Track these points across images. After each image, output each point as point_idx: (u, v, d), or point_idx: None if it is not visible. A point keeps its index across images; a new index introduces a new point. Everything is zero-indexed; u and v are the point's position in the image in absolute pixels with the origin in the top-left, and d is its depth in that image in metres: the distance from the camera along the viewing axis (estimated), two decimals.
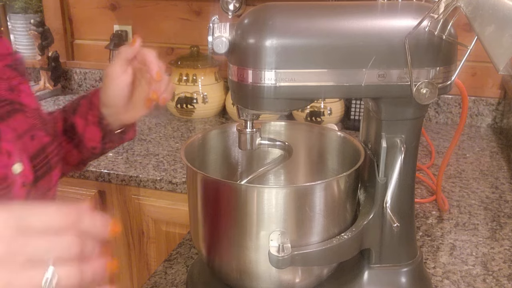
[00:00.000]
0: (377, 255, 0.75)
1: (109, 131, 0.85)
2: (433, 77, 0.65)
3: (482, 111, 1.72)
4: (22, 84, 0.77)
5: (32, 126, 0.74)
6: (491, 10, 0.58)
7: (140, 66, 0.81)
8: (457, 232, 1.04)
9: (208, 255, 0.75)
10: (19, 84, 0.76)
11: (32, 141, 0.72)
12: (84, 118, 0.85)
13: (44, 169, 0.74)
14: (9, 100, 0.72)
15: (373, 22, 0.65)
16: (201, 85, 1.72)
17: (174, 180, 1.30)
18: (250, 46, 0.64)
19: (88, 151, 0.88)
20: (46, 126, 0.77)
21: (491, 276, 0.90)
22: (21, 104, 0.74)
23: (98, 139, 0.86)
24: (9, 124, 0.69)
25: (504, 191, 1.22)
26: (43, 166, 0.74)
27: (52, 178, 0.76)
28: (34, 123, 0.74)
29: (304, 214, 0.68)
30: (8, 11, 2.09)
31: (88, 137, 0.86)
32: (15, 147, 0.68)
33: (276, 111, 0.70)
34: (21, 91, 0.76)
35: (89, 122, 0.85)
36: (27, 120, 0.73)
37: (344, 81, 0.65)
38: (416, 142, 0.73)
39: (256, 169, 0.85)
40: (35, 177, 0.71)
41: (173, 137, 1.59)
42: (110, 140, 0.87)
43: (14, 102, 0.73)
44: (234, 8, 1.64)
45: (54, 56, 1.96)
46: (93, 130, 0.85)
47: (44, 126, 0.77)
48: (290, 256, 0.65)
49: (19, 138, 0.70)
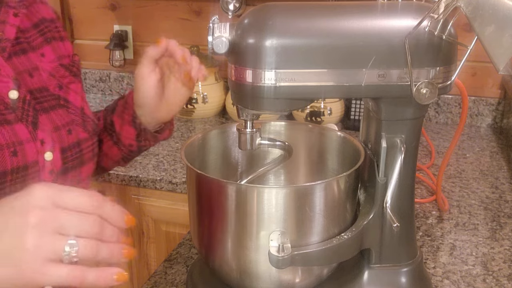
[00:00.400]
0: (377, 255, 0.75)
1: (143, 129, 0.88)
2: (433, 77, 0.65)
3: (482, 111, 1.72)
4: (73, 84, 0.83)
5: (71, 121, 0.79)
6: (491, 10, 0.58)
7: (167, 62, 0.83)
8: (457, 232, 1.04)
9: (208, 255, 0.75)
10: (69, 83, 0.82)
11: (68, 135, 0.78)
12: (120, 117, 0.89)
13: (75, 162, 0.79)
14: (56, 95, 0.79)
15: (373, 22, 0.65)
16: (201, 85, 1.72)
17: (174, 180, 1.30)
18: (250, 46, 0.64)
19: (126, 148, 0.91)
20: (85, 123, 0.82)
21: (491, 276, 0.90)
22: (66, 100, 0.80)
23: (133, 137, 0.89)
24: (50, 116, 0.76)
25: (504, 191, 1.22)
26: (75, 159, 0.79)
27: (82, 171, 0.80)
28: (74, 119, 0.80)
29: (304, 214, 0.68)
30: None
31: (124, 135, 0.89)
32: (49, 137, 0.74)
33: (276, 111, 0.70)
34: (70, 89, 0.82)
35: (125, 121, 0.88)
36: (68, 116, 0.79)
37: (344, 81, 0.65)
38: (416, 142, 0.73)
39: (256, 169, 0.85)
40: (64, 168, 0.76)
41: (173, 137, 1.59)
42: (145, 138, 0.90)
43: (60, 97, 0.79)
44: (234, 8, 1.64)
45: None
46: (128, 128, 0.88)
47: (83, 123, 0.82)
48: (290, 256, 0.65)
49: (56, 130, 0.76)
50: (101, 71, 2.05)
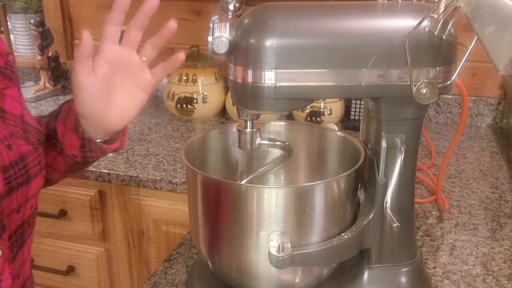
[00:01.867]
0: (377, 255, 0.75)
1: (87, 139, 0.74)
2: (433, 77, 0.65)
3: (482, 111, 1.72)
4: (8, 89, 0.71)
5: (9, 134, 0.69)
6: (491, 10, 0.58)
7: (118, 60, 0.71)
8: (457, 232, 1.04)
9: (208, 255, 0.75)
10: (4, 88, 0.71)
11: (8, 151, 0.68)
12: (63, 123, 0.76)
13: (20, 180, 0.69)
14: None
15: (373, 22, 0.65)
16: (201, 85, 1.72)
17: (174, 180, 1.30)
18: (250, 46, 0.64)
19: (70, 159, 0.79)
20: (27, 134, 0.71)
21: (491, 276, 0.90)
22: (2, 110, 0.69)
23: (77, 146, 0.76)
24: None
25: (504, 191, 1.22)
26: (20, 177, 0.69)
27: (30, 188, 0.71)
28: (13, 131, 0.69)
29: (304, 214, 0.68)
30: (8, 11, 2.08)
31: (67, 144, 0.76)
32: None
33: (276, 111, 0.70)
34: (6, 96, 0.71)
35: (67, 128, 0.75)
36: (6, 128, 0.69)
37: (344, 81, 0.65)
38: (416, 142, 0.73)
39: (256, 169, 0.85)
40: (8, 188, 0.67)
41: (173, 137, 1.59)
42: (90, 149, 0.76)
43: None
44: (234, 8, 1.64)
45: (54, 56, 1.96)
46: (71, 137, 0.75)
47: (25, 134, 0.71)
48: (290, 256, 0.65)
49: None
50: None
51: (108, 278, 1.53)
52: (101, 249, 1.49)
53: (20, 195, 0.70)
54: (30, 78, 2.13)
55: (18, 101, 0.73)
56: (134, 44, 0.73)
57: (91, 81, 0.69)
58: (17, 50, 2.13)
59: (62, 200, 1.44)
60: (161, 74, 0.76)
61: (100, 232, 1.46)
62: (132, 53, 0.73)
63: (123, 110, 0.74)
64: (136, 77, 0.74)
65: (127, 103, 0.74)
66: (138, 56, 0.73)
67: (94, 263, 1.51)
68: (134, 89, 0.74)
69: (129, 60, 0.73)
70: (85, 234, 1.47)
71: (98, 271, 1.51)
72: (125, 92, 0.73)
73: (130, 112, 0.75)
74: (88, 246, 1.50)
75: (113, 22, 0.70)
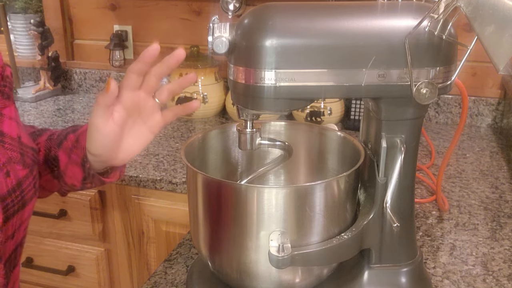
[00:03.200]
0: (377, 255, 0.75)
1: (92, 174, 0.77)
2: (433, 77, 0.65)
3: (482, 111, 1.72)
4: (6, 108, 0.71)
5: (8, 160, 0.69)
6: (491, 10, 0.58)
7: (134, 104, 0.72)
8: (457, 232, 1.04)
9: (208, 255, 0.75)
10: (2, 108, 0.71)
11: (6, 178, 0.68)
12: (67, 155, 0.78)
13: (16, 207, 0.69)
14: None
15: (373, 22, 0.65)
16: (201, 85, 1.72)
17: (174, 180, 1.30)
18: (250, 46, 0.64)
19: (67, 186, 0.81)
20: (24, 158, 0.72)
21: (491, 276, 0.90)
22: (1, 133, 0.70)
23: (80, 179, 0.78)
24: None
25: (504, 191, 1.22)
26: (16, 204, 0.69)
27: (25, 212, 0.72)
28: (11, 156, 0.69)
29: (304, 214, 0.68)
30: (8, 11, 2.09)
31: (69, 175, 0.78)
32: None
33: (276, 111, 0.70)
34: (4, 116, 0.71)
35: (72, 161, 0.77)
36: (5, 153, 0.69)
37: (344, 81, 0.65)
38: (416, 142, 0.73)
39: (256, 169, 0.85)
40: (5, 217, 0.67)
41: (173, 137, 1.59)
42: (91, 181, 0.78)
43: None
44: (234, 8, 1.63)
45: (54, 56, 1.96)
46: (75, 169, 0.77)
47: (22, 157, 0.71)
48: (290, 256, 0.65)
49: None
50: (101, 71, 2.05)
51: (108, 278, 1.53)
52: (101, 249, 1.49)
53: (15, 221, 0.69)
54: (30, 78, 2.13)
55: (15, 119, 0.73)
56: (152, 90, 0.74)
57: (108, 126, 0.70)
58: (17, 50, 2.13)
59: (62, 200, 1.44)
60: (171, 117, 0.77)
61: (100, 232, 1.46)
62: (148, 98, 0.74)
63: (130, 149, 0.76)
64: (148, 119, 0.75)
65: (134, 143, 0.75)
66: (153, 100, 0.75)
67: (94, 263, 1.51)
68: (143, 130, 0.75)
69: (144, 104, 0.74)
70: (85, 234, 1.47)
71: (98, 271, 1.51)
72: (134, 133, 0.75)
73: (135, 151, 0.76)
74: (88, 246, 1.50)
75: (136, 72, 0.70)
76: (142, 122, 0.75)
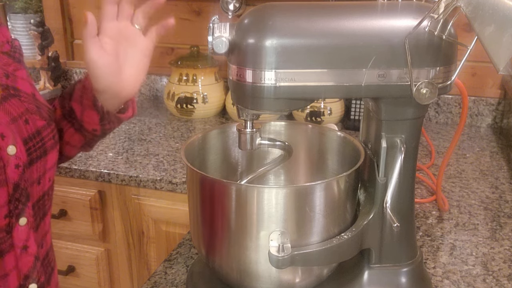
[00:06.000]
0: (377, 255, 0.75)
1: (106, 112, 0.83)
2: (433, 77, 0.65)
3: (482, 111, 1.72)
4: (18, 70, 0.78)
5: (25, 110, 0.75)
6: (491, 10, 0.58)
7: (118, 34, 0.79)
8: (457, 232, 1.04)
9: (208, 255, 0.75)
10: (15, 70, 0.78)
11: (26, 125, 0.74)
12: (80, 103, 0.84)
13: (39, 152, 0.75)
14: (5, 85, 0.75)
15: (373, 22, 0.65)
16: (201, 85, 1.72)
17: (174, 180, 1.30)
18: (250, 46, 0.64)
19: (90, 134, 0.87)
20: (40, 110, 0.78)
21: (491, 276, 0.90)
22: (16, 89, 0.76)
23: (97, 121, 0.84)
24: (4, 108, 0.72)
25: (504, 191, 1.22)
26: (38, 149, 0.75)
27: (47, 161, 0.78)
28: (28, 107, 0.76)
29: (304, 214, 0.68)
30: (8, 11, 2.09)
31: (87, 121, 0.84)
32: (9, 130, 0.71)
33: (276, 111, 0.70)
34: (17, 77, 0.77)
35: (85, 106, 0.83)
36: (22, 104, 0.75)
37: (344, 81, 0.65)
38: (416, 142, 0.73)
39: (256, 169, 0.85)
40: (30, 160, 0.73)
41: (173, 137, 1.59)
42: (108, 121, 0.85)
43: (9, 87, 0.75)
44: (234, 8, 1.63)
45: (54, 56, 1.96)
46: (90, 113, 0.83)
47: (38, 110, 0.77)
48: (290, 256, 0.65)
49: (14, 121, 0.72)
50: None
51: (108, 278, 1.53)
52: (101, 249, 1.49)
53: (39, 166, 0.76)
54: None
55: (28, 81, 0.80)
56: (128, 16, 0.82)
57: (103, 57, 0.77)
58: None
59: (62, 200, 1.44)
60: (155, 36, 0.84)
61: (100, 232, 1.46)
62: (127, 24, 0.81)
63: (133, 77, 0.82)
64: (136, 44, 0.82)
65: (134, 72, 0.82)
66: (133, 27, 0.82)
67: (94, 263, 1.51)
68: (137, 56, 0.82)
69: (126, 30, 0.81)
70: (85, 234, 1.47)
71: (98, 271, 1.52)
72: (130, 61, 0.82)
73: (139, 77, 0.83)
74: (88, 246, 1.50)
75: (110, 1, 0.79)
76: (132, 48, 0.82)
